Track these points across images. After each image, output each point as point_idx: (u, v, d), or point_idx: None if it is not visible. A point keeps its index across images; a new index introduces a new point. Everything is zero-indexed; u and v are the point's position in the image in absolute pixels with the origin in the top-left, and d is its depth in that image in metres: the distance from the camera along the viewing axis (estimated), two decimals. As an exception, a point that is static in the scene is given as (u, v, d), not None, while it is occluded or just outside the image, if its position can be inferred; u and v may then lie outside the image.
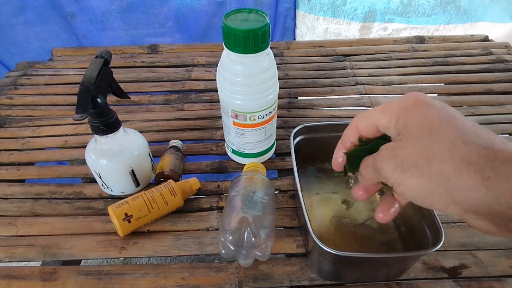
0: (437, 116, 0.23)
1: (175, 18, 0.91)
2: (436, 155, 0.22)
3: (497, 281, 0.39)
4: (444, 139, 0.22)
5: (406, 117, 0.24)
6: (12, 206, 0.48)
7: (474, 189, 0.21)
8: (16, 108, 0.66)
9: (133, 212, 0.41)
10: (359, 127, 0.28)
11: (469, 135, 0.22)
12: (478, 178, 0.21)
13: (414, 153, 0.23)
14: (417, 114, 0.24)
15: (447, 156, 0.22)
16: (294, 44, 0.85)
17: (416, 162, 0.23)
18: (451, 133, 0.22)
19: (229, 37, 0.38)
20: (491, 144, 0.21)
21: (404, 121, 0.24)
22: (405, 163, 0.23)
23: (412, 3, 0.92)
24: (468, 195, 0.21)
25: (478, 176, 0.21)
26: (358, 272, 0.38)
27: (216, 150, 0.56)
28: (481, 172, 0.20)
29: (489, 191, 0.20)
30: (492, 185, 0.20)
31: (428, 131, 0.23)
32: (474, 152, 0.21)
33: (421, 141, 0.23)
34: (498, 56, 0.77)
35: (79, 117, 0.36)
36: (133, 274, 0.40)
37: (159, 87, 0.71)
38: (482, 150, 0.21)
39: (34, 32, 0.89)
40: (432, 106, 0.24)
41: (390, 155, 0.24)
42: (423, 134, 0.23)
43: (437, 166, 0.22)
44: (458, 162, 0.21)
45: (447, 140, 0.22)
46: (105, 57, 0.40)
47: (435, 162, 0.22)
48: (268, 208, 0.39)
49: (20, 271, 0.40)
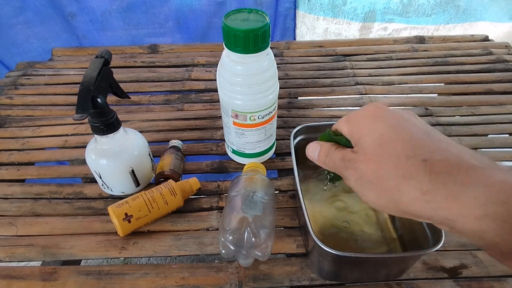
0: (386, 129, 0.25)
1: (175, 18, 0.91)
2: (384, 172, 0.24)
3: (497, 281, 0.39)
4: (391, 154, 0.24)
5: (360, 130, 0.27)
6: (12, 206, 0.48)
7: (416, 203, 0.22)
8: (16, 108, 0.66)
9: (133, 212, 0.41)
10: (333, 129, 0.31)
11: (412, 148, 0.23)
12: (418, 193, 0.22)
13: (369, 170, 0.25)
14: (369, 126, 0.26)
15: (392, 173, 0.23)
16: (294, 44, 0.85)
17: (371, 179, 0.25)
18: (397, 147, 0.24)
19: (229, 37, 0.38)
20: (430, 156, 0.22)
21: (358, 134, 0.27)
22: (363, 178, 0.25)
23: (412, 3, 0.92)
24: (412, 208, 0.23)
25: (418, 191, 0.22)
26: (358, 272, 0.38)
27: (216, 150, 0.56)
28: (419, 186, 0.22)
29: (428, 204, 0.22)
30: (430, 199, 0.22)
31: (378, 145, 0.25)
32: (414, 166, 0.22)
33: (373, 157, 0.25)
34: (498, 56, 0.77)
35: (79, 117, 0.36)
36: (133, 274, 0.40)
37: (159, 87, 0.71)
38: (421, 164, 0.22)
39: (34, 32, 0.89)
40: (383, 118, 0.26)
41: (352, 167, 0.26)
42: (374, 149, 0.25)
43: (386, 183, 0.24)
44: (400, 178, 0.23)
45: (393, 156, 0.24)
46: (105, 57, 0.40)
47: (384, 179, 0.24)
48: (268, 208, 0.40)
49: (20, 271, 0.40)
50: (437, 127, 0.59)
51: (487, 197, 0.20)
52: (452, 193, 0.21)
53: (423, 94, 0.68)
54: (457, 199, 0.21)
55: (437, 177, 0.21)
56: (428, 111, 0.63)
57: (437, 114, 0.62)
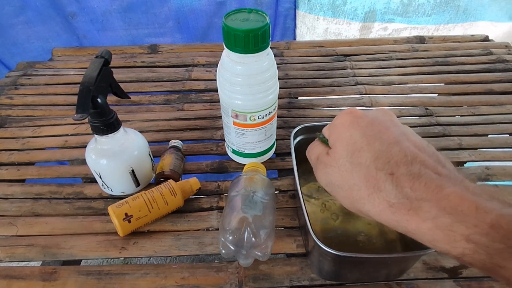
0: (360, 136, 0.26)
1: (175, 18, 0.91)
2: (355, 182, 0.25)
3: (497, 281, 0.39)
4: (362, 164, 0.25)
5: (336, 135, 0.28)
6: (12, 206, 0.48)
7: (383, 213, 0.24)
8: (16, 108, 0.66)
9: (133, 212, 0.41)
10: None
11: (381, 160, 0.24)
12: (385, 204, 0.24)
13: (339, 176, 0.26)
14: (344, 133, 0.27)
15: (363, 183, 0.25)
16: (294, 44, 0.85)
17: (341, 185, 0.26)
18: (368, 158, 0.25)
19: (229, 37, 0.38)
20: (396, 169, 0.24)
21: (334, 139, 0.28)
22: (333, 183, 0.27)
23: (412, 3, 0.92)
24: (380, 217, 0.25)
25: (385, 202, 0.24)
26: (358, 272, 0.38)
27: (216, 150, 0.56)
28: (387, 199, 0.24)
29: (393, 216, 0.24)
30: (395, 211, 0.23)
31: (351, 153, 0.26)
32: (383, 179, 0.24)
33: (344, 164, 0.26)
34: (498, 56, 0.76)
35: (79, 117, 0.36)
36: (133, 274, 0.40)
37: (159, 87, 0.71)
38: (389, 177, 0.24)
39: (34, 32, 0.89)
40: (357, 124, 0.27)
41: (323, 171, 0.28)
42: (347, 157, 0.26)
43: (357, 192, 0.25)
44: (371, 189, 0.24)
45: (364, 166, 0.25)
46: (105, 57, 0.40)
47: (355, 188, 0.25)
48: (268, 208, 0.39)
49: (20, 271, 0.40)
50: (437, 127, 0.59)
51: (437, 209, 0.22)
52: (412, 207, 0.23)
53: (423, 94, 0.68)
54: (416, 213, 0.23)
55: (402, 191, 0.23)
56: (428, 111, 0.63)
57: (437, 114, 0.62)
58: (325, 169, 0.27)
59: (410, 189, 0.23)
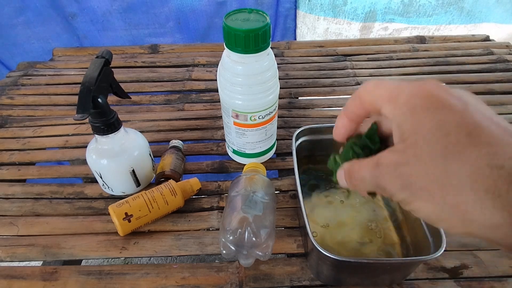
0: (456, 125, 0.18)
1: (175, 18, 0.91)
2: (452, 182, 0.18)
3: (498, 281, 0.39)
4: (464, 160, 0.17)
5: (413, 122, 0.19)
6: (13, 206, 0.48)
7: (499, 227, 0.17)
8: (17, 108, 0.66)
9: (134, 212, 0.41)
10: (363, 101, 0.23)
11: (498, 155, 0.17)
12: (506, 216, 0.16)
13: (424, 175, 0.19)
14: (428, 119, 0.19)
15: (467, 184, 0.17)
16: (295, 44, 0.85)
17: (426, 186, 0.18)
18: (474, 152, 0.17)
19: (229, 37, 0.38)
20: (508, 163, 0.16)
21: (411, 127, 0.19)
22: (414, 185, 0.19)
23: (413, 3, 0.92)
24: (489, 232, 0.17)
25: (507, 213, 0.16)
26: (357, 277, 0.38)
27: (216, 150, 0.56)
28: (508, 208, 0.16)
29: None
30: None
31: (442, 146, 0.18)
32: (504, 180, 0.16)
33: (433, 160, 0.18)
34: (499, 56, 0.76)
35: (80, 117, 0.36)
36: (133, 274, 0.40)
37: (159, 87, 0.71)
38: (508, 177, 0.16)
39: (34, 32, 0.89)
40: (449, 108, 0.18)
41: (395, 173, 0.20)
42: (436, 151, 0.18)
43: (453, 196, 0.18)
44: (481, 193, 0.17)
45: (468, 162, 0.17)
46: (106, 57, 0.40)
47: (451, 191, 0.18)
48: (268, 208, 0.39)
49: (21, 271, 0.40)
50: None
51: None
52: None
53: (423, 94, 0.68)
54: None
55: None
56: (428, 111, 0.63)
57: (438, 114, 0.62)
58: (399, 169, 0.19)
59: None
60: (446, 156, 0.18)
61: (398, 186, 0.20)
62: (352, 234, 0.42)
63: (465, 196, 0.17)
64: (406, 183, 0.19)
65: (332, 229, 0.42)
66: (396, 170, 0.20)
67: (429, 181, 0.18)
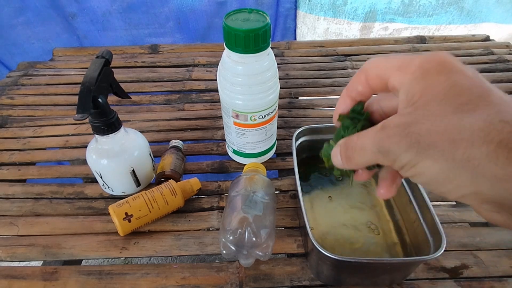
0: (468, 87, 0.18)
1: (175, 18, 0.91)
2: (464, 135, 0.17)
3: (498, 281, 0.39)
4: (477, 116, 0.17)
5: (425, 85, 0.19)
6: (13, 206, 0.48)
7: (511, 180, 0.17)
8: (17, 108, 0.66)
9: (134, 212, 0.42)
10: (369, 75, 0.23)
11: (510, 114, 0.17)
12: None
13: (434, 131, 0.18)
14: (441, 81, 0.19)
15: (480, 137, 0.17)
16: (295, 44, 0.85)
17: (436, 142, 0.18)
18: (486, 110, 0.17)
19: (229, 37, 0.38)
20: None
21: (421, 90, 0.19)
22: (422, 143, 0.18)
23: (413, 3, 0.92)
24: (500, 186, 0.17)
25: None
26: (357, 277, 0.38)
27: (216, 150, 0.56)
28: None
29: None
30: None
31: (455, 105, 0.18)
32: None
33: (445, 116, 0.18)
34: (499, 56, 0.76)
35: (80, 117, 0.36)
36: (133, 274, 0.40)
37: (159, 87, 0.71)
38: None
39: (34, 32, 0.89)
40: (462, 72, 0.19)
41: (402, 133, 0.19)
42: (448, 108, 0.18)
43: (464, 150, 0.17)
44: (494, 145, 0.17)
45: (481, 118, 0.17)
46: (106, 57, 0.40)
47: (462, 144, 0.17)
48: (268, 208, 0.39)
49: (21, 271, 0.40)
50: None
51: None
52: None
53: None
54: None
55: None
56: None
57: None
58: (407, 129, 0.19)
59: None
60: (458, 113, 0.18)
61: (404, 146, 0.19)
62: (352, 234, 0.42)
63: (478, 149, 0.17)
64: (413, 141, 0.19)
65: (333, 229, 0.42)
66: (404, 130, 0.19)
67: (440, 137, 0.18)
